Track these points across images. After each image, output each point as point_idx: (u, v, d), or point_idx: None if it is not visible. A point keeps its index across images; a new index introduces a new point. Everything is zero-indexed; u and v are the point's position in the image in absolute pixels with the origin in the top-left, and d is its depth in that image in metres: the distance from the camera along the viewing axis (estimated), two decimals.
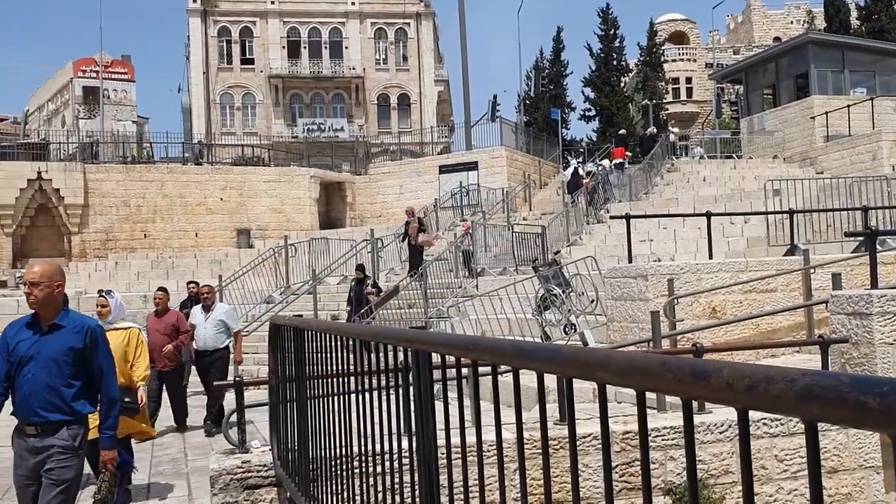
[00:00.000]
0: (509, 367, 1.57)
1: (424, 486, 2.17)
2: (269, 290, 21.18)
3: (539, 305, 11.55)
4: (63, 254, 30.26)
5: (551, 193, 31.53)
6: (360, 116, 48.18)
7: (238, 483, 4.77)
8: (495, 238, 21.46)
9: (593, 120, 50.02)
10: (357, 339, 3.12)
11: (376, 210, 34.87)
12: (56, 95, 56.21)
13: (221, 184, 32.69)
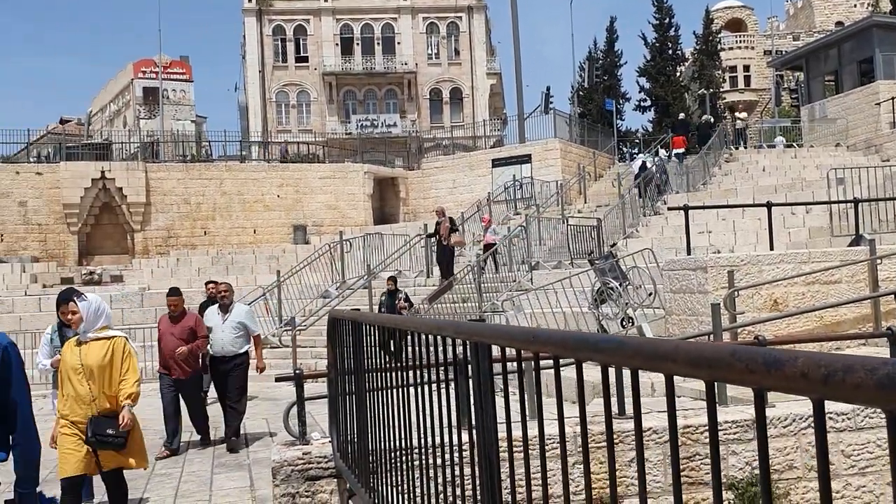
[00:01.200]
0: (571, 359, 1.56)
1: (485, 480, 2.17)
2: (324, 285, 21.40)
3: (595, 299, 11.45)
4: (126, 251, 31.10)
5: (606, 185, 31.17)
6: (413, 111, 48.34)
7: (299, 474, 4.84)
8: (550, 231, 21.31)
9: (648, 110, 49.32)
10: (415, 332, 3.13)
11: (429, 205, 34.94)
12: (117, 97, 57.70)
13: (278, 181, 33.17)
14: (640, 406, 1.39)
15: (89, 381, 5.06)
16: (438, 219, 20.56)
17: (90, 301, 5.30)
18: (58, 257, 29.35)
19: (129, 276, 25.30)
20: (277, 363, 16.63)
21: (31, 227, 29.96)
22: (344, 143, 41.91)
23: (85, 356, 5.11)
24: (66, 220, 30.36)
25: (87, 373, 5.05)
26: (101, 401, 5.10)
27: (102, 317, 5.30)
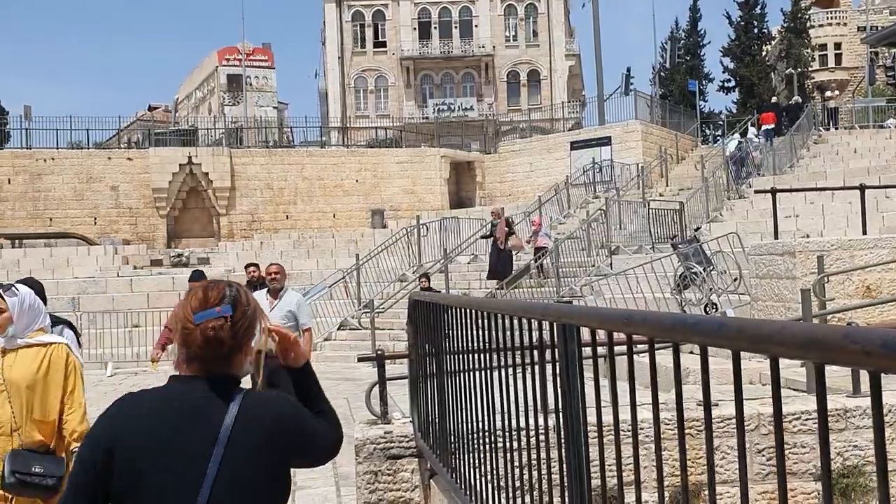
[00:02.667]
0: (668, 341, 1.53)
1: (573, 465, 2.16)
2: (401, 268, 21.62)
3: (678, 284, 11.24)
4: (213, 234, 32.05)
5: (689, 168, 30.44)
6: (490, 95, 48.15)
7: (381, 452, 4.92)
8: (630, 215, 20.96)
9: (732, 91, 47.92)
10: (498, 314, 3.12)
11: (506, 189, 34.83)
12: (202, 84, 59.33)
13: (357, 166, 33.60)
14: (741, 391, 1.35)
15: (12, 403, 3.70)
16: (494, 220, 19.03)
17: (22, 295, 3.83)
18: (148, 240, 30.46)
19: (215, 258, 26.06)
20: (356, 344, 16.92)
21: (123, 210, 31.18)
22: (421, 127, 42.08)
23: (9, 369, 3.76)
24: (155, 203, 31.47)
25: (10, 391, 3.70)
26: (27, 430, 3.72)
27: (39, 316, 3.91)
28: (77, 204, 30.64)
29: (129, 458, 1.95)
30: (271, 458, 2.01)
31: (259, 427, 2.00)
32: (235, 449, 1.96)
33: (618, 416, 1.80)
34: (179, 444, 1.96)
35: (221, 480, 1.94)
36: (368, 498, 4.91)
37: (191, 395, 2.01)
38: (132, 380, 15.50)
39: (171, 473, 1.94)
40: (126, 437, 1.98)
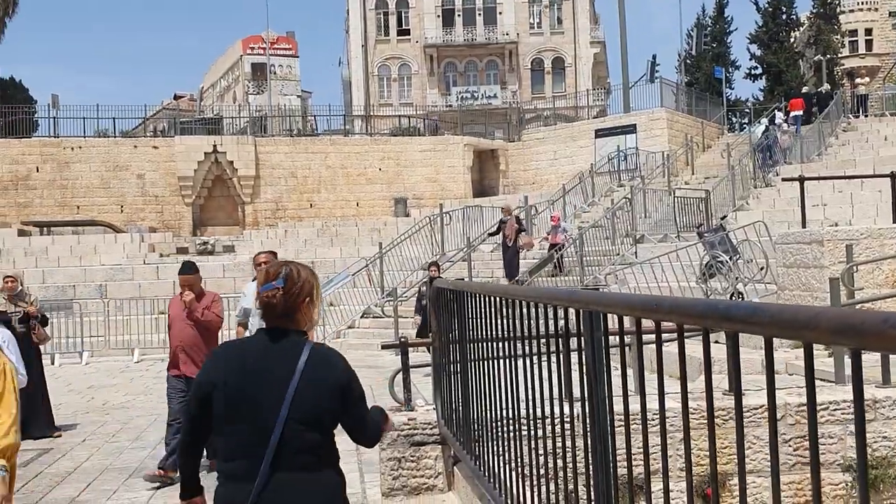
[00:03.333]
0: (698, 328, 1.50)
1: (599, 454, 2.13)
2: (425, 256, 21.62)
3: (704, 273, 11.14)
4: (237, 222, 32.26)
5: (715, 156, 30.12)
6: (514, 82, 47.91)
7: (405, 439, 4.92)
8: (655, 204, 20.80)
9: (759, 78, 47.25)
10: (523, 301, 3.10)
11: (529, 177, 34.69)
12: (227, 72, 59.61)
13: (380, 154, 33.62)
14: (773, 380, 1.32)
15: None
16: (504, 217, 18.47)
17: None
18: (174, 228, 30.72)
19: (240, 246, 26.23)
20: (379, 332, 16.97)
21: (149, 198, 31.46)
22: (444, 115, 41.99)
23: None
24: (180, 192, 31.72)
25: None
26: None
27: None
28: (104, 192, 30.96)
29: (228, 386, 2.66)
30: (329, 391, 2.67)
31: (325, 370, 2.68)
32: (306, 382, 2.63)
33: (645, 404, 1.78)
34: (264, 373, 2.66)
35: (297, 401, 2.60)
36: (392, 484, 4.92)
37: (269, 341, 2.72)
38: (159, 366, 15.67)
39: (259, 395, 2.62)
40: (225, 372, 2.70)
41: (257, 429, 2.60)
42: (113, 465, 7.61)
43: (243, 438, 2.64)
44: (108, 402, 11.47)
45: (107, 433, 9.18)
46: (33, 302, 8.91)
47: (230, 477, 2.67)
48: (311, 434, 2.64)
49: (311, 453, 2.67)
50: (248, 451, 2.61)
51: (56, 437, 8.77)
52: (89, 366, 16.35)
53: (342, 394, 2.69)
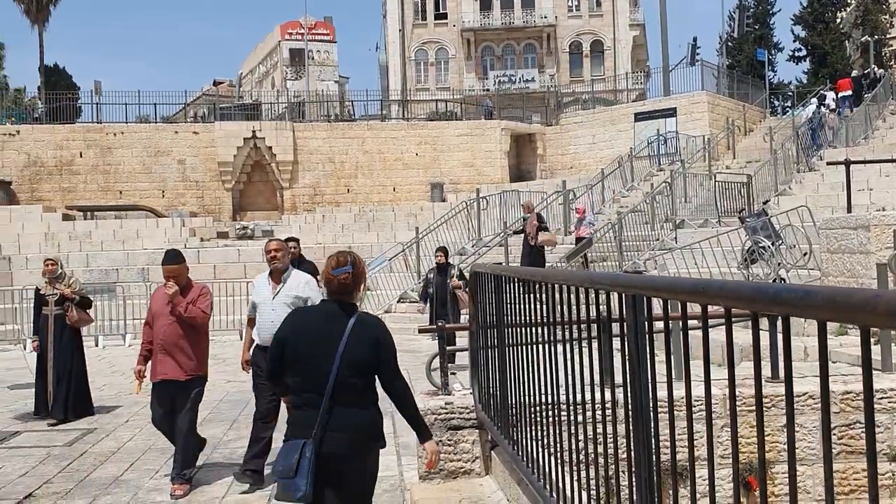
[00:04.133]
0: (746, 311, 1.46)
1: (641, 440, 2.10)
2: (461, 242, 21.61)
3: (745, 259, 10.97)
4: (276, 207, 32.52)
5: (757, 140, 29.60)
6: (552, 66, 47.49)
7: (442, 423, 4.93)
8: (695, 188, 20.51)
9: (803, 61, 46.26)
10: (563, 285, 3.06)
11: (567, 161, 34.42)
12: (265, 58, 59.96)
13: (417, 139, 33.59)
14: (827, 366, 1.27)
15: None
16: (524, 214, 17.71)
17: None
18: (214, 213, 31.09)
19: (278, 231, 26.43)
20: (416, 317, 16.98)
21: (189, 183, 31.85)
22: (481, 99, 41.81)
23: None
24: (220, 177, 32.05)
25: None
26: None
27: None
28: (146, 177, 31.42)
29: (296, 342, 3.67)
30: (369, 345, 3.63)
31: (367, 330, 3.65)
32: (353, 338, 3.60)
33: (691, 391, 1.74)
34: (323, 333, 3.64)
35: (345, 355, 3.57)
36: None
37: (331, 309, 3.73)
38: None
39: (318, 349, 3.61)
40: (294, 331, 3.72)
41: (320, 372, 3.58)
42: (155, 446, 7.75)
43: (309, 379, 3.63)
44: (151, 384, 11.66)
45: (149, 414, 9.34)
46: (71, 284, 9.01)
47: (299, 406, 3.68)
48: (356, 378, 3.60)
49: (356, 392, 3.63)
50: (314, 389, 3.61)
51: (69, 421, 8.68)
52: (132, 348, 16.65)
53: (378, 346, 3.64)
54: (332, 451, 3.56)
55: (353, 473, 3.65)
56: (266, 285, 6.23)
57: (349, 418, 3.61)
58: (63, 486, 6.41)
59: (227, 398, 10.17)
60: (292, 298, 6.00)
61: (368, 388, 3.68)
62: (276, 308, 5.95)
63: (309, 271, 9.46)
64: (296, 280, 6.24)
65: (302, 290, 6.13)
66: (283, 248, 6.34)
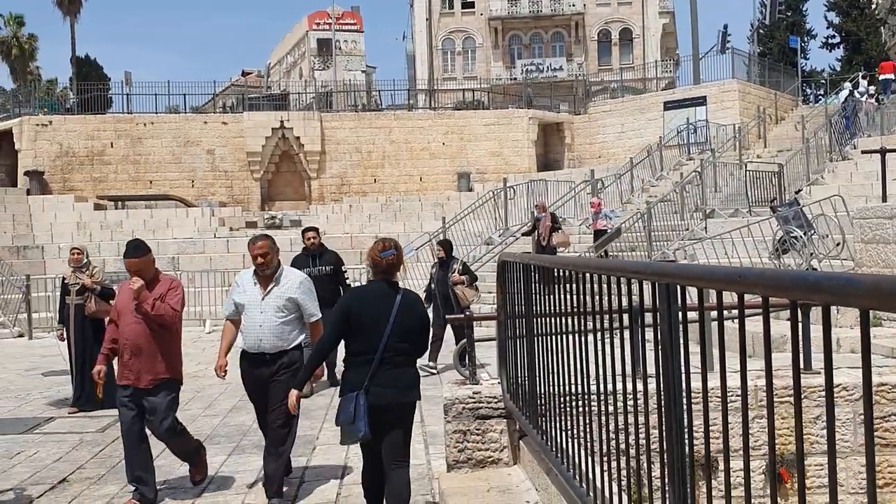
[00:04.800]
0: (785, 300, 1.42)
1: (673, 431, 2.07)
2: (488, 231, 21.56)
3: (777, 249, 10.82)
4: (304, 197, 32.68)
5: (789, 129, 29.16)
6: (580, 54, 47.11)
7: (470, 412, 4.92)
8: (725, 177, 20.27)
9: (836, 48, 45.44)
10: (593, 273, 3.03)
11: (595, 150, 34.18)
12: (293, 49, 60.13)
13: (443, 129, 33.52)
14: (869, 355, 1.24)
15: None
16: (538, 214, 17.32)
17: None
18: (242, 202, 31.31)
19: (306, 221, 26.55)
20: None
21: (218, 173, 32.09)
22: (508, 88, 41.60)
23: None
24: (249, 167, 32.26)
25: None
26: None
27: None
28: (175, 167, 31.71)
29: (357, 312, 4.54)
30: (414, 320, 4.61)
31: (411, 304, 4.65)
32: (401, 310, 4.54)
33: (725, 381, 1.71)
34: (377, 306, 4.55)
35: (395, 324, 4.50)
36: (457, 456, 4.93)
37: (381, 287, 4.66)
38: None
39: (374, 318, 4.51)
40: (355, 302, 4.63)
41: (374, 338, 4.49)
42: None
43: (365, 344, 4.51)
44: None
45: (180, 401, 9.44)
46: (94, 274, 9.03)
47: (354, 364, 4.58)
48: (402, 343, 4.54)
49: (401, 354, 4.56)
50: (368, 351, 4.49)
51: None
52: None
53: (421, 319, 4.72)
54: (380, 400, 4.46)
55: (397, 417, 4.57)
56: (253, 285, 5.58)
57: (393, 375, 4.52)
58: (95, 472, 6.51)
59: None
60: (284, 301, 5.47)
61: (409, 351, 4.61)
62: (266, 310, 5.47)
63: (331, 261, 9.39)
64: (290, 280, 5.60)
65: (295, 291, 5.53)
66: (271, 250, 5.53)
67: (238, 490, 5.93)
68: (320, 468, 6.42)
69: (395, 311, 4.50)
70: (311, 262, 9.08)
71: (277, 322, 5.48)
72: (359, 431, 4.42)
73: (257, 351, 5.53)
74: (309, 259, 9.27)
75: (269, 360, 5.50)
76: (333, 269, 9.36)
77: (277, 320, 5.48)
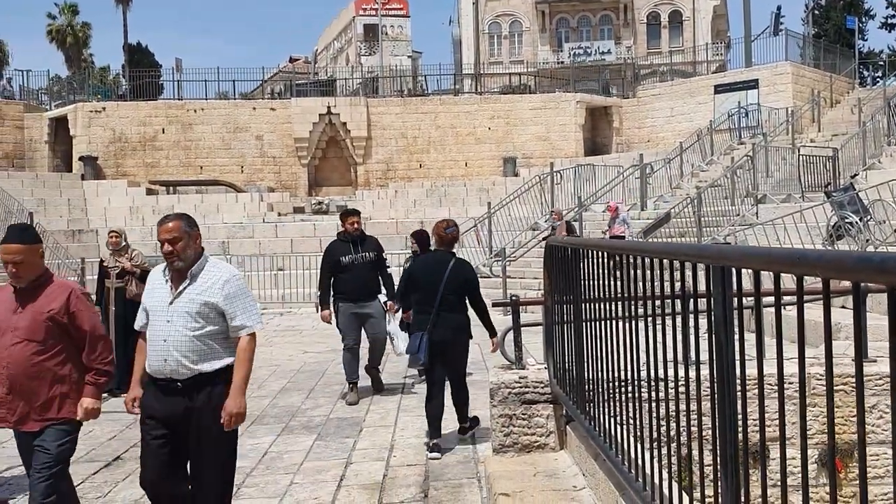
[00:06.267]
0: (849, 282, 1.38)
1: (728, 418, 2.03)
2: (533, 217, 21.46)
3: (831, 235, 10.56)
4: (350, 183, 32.88)
5: (844, 112, 28.40)
6: (629, 37, 46.40)
7: (516, 397, 4.91)
8: (778, 162, 19.84)
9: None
10: (644, 257, 2.99)
11: (644, 135, 33.71)
12: (340, 34, 60.34)
13: (489, 113, 33.36)
14: None
15: None
16: (554, 223, 16.47)
17: None
18: (290, 188, 31.62)
19: (353, 206, 26.71)
20: (488, 292, 16.87)
21: (267, 159, 32.44)
22: (555, 72, 41.17)
23: None
24: (296, 153, 32.53)
25: None
26: None
27: None
28: (225, 153, 32.13)
29: (420, 275, 6.48)
30: (463, 280, 6.36)
31: (461, 267, 6.41)
32: (452, 273, 6.28)
33: (783, 369, 1.67)
34: (433, 270, 6.34)
35: (448, 284, 6.23)
36: (503, 441, 4.93)
37: (441, 255, 6.48)
38: (277, 320, 16.28)
39: (430, 281, 6.29)
40: (416, 268, 6.74)
41: (432, 292, 6.21)
42: None
43: (425, 296, 6.29)
44: None
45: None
46: (133, 258, 9.12)
47: (419, 313, 6.36)
48: (453, 296, 6.25)
49: (453, 304, 6.27)
50: (429, 302, 6.23)
51: None
52: None
53: (467, 279, 6.41)
54: (439, 338, 6.17)
55: (451, 352, 6.28)
56: (164, 283, 4.05)
57: (449, 319, 6.21)
58: None
59: (304, 368, 10.39)
60: (199, 306, 3.93)
61: (460, 303, 6.31)
62: (174, 319, 3.94)
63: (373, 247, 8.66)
64: (212, 277, 4.00)
65: (217, 293, 3.94)
66: (185, 234, 3.97)
67: (287, 470, 6.01)
68: (366, 450, 6.48)
69: (447, 272, 6.20)
70: (353, 249, 8.31)
71: (189, 335, 3.90)
72: (420, 359, 6.22)
73: (163, 376, 3.95)
74: (349, 245, 8.38)
75: (182, 390, 3.92)
76: (376, 256, 8.47)
77: (189, 333, 3.92)
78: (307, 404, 8.24)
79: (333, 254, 8.35)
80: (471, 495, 5.31)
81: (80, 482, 5.84)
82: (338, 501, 5.30)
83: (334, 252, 8.34)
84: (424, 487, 5.51)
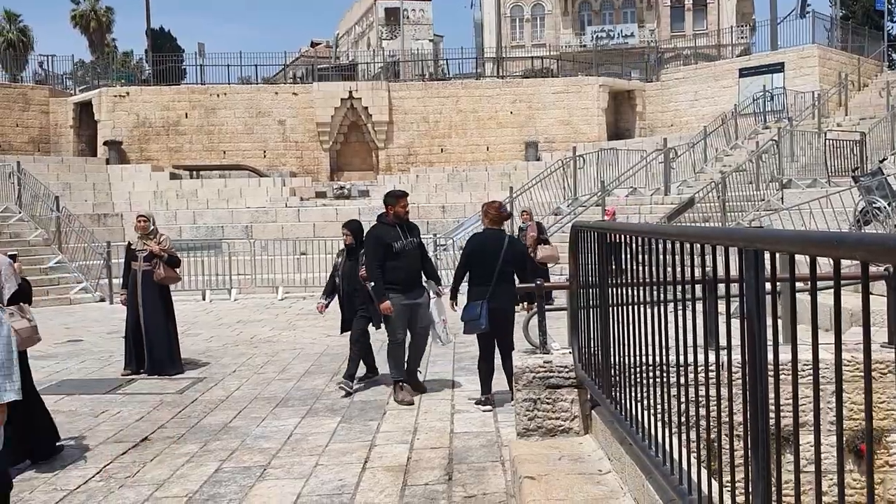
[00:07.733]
0: (890, 265, 1.36)
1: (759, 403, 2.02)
2: (556, 201, 21.38)
3: (858, 220, 10.44)
4: (371, 167, 32.90)
5: (872, 95, 27.97)
6: (652, 20, 45.93)
7: (540, 381, 4.90)
8: (804, 146, 19.60)
9: None
10: (672, 240, 2.96)
11: (668, 119, 33.42)
12: (361, 18, 60.19)
13: (511, 97, 33.19)
14: None
15: None
16: (522, 223, 15.55)
17: None
18: (312, 173, 31.70)
19: (374, 191, 26.79)
20: None
21: (289, 144, 32.53)
22: (578, 56, 40.88)
23: None
24: (318, 137, 32.59)
25: None
26: None
27: None
28: (247, 137, 32.25)
29: (476, 251, 7.20)
30: (515, 253, 7.23)
31: (514, 244, 7.39)
32: (508, 249, 7.12)
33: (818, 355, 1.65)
34: (491, 246, 7.13)
35: (504, 259, 7.04)
36: (527, 425, 4.93)
37: (495, 233, 7.26)
38: (301, 304, 16.38)
39: (489, 256, 7.09)
40: (477, 245, 7.27)
41: (490, 266, 6.98)
42: (261, 395, 8.05)
43: (483, 270, 7.03)
44: (256, 336, 12.10)
45: (255, 365, 9.72)
46: (161, 242, 9.19)
47: (477, 285, 7.04)
48: (508, 267, 7.07)
49: (508, 276, 7.08)
50: (487, 274, 6.98)
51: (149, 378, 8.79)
52: (237, 302, 17.30)
53: (522, 251, 7.70)
54: (497, 305, 6.94)
55: (506, 319, 7.12)
56: None
57: (505, 289, 7.00)
58: (176, 431, 6.75)
59: (327, 351, 10.46)
60: None
61: (512, 274, 7.13)
62: None
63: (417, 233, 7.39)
64: None
65: None
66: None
67: (312, 452, 6.07)
68: (390, 433, 6.52)
69: (504, 248, 6.99)
70: (404, 235, 7.50)
71: None
72: (481, 325, 6.88)
73: None
74: (399, 230, 7.51)
75: None
76: (419, 244, 7.77)
77: None
78: (331, 387, 8.30)
79: (384, 238, 7.40)
80: (494, 478, 5.33)
81: (109, 462, 5.93)
82: (363, 483, 5.34)
83: (384, 237, 7.42)
84: (448, 470, 5.54)
